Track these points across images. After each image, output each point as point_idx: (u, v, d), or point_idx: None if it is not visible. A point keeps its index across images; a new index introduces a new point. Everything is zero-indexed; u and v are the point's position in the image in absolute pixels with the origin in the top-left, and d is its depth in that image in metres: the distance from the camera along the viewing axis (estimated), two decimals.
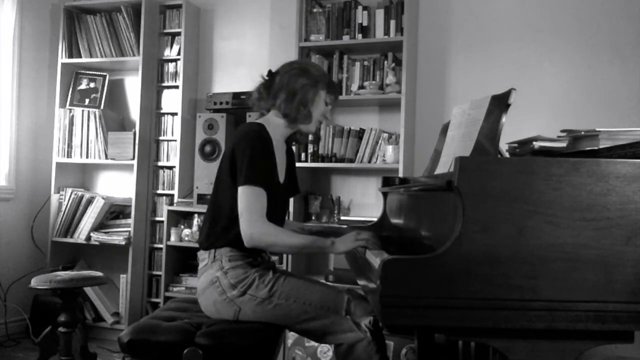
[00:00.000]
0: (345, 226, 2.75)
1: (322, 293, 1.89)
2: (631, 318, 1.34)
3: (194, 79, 3.88)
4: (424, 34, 3.44)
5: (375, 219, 2.60)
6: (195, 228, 3.51)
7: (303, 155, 3.37)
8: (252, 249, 1.91)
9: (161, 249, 3.61)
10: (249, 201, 1.86)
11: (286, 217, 3.17)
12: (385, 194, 2.57)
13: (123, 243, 3.63)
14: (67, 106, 3.88)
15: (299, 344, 2.96)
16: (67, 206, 3.76)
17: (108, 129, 3.80)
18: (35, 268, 3.73)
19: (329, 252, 1.93)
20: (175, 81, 3.78)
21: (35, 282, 2.69)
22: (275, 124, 2.03)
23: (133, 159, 3.70)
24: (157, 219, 3.78)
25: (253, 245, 1.87)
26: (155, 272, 3.74)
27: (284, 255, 3.27)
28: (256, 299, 1.87)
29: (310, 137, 3.18)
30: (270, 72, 2.09)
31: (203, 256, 1.99)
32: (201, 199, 3.48)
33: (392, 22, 3.24)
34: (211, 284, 1.92)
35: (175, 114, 3.76)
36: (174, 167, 3.73)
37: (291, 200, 3.32)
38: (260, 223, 1.85)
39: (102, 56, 3.83)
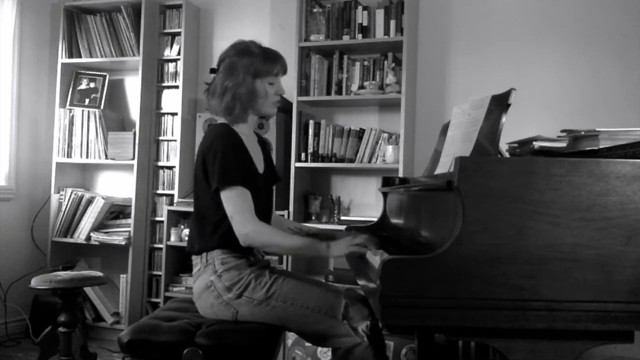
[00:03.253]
0: (344, 227, 2.75)
1: (320, 296, 1.87)
2: (631, 318, 1.35)
3: (194, 79, 3.88)
4: (424, 34, 3.44)
5: (375, 219, 2.60)
6: None
7: (303, 155, 3.37)
8: (244, 249, 1.90)
9: (161, 249, 3.61)
10: (235, 203, 1.85)
11: (284, 216, 3.19)
12: (385, 194, 2.56)
13: (123, 243, 3.63)
14: (67, 106, 3.88)
15: (299, 344, 2.96)
16: (67, 206, 3.76)
17: (108, 129, 3.80)
18: (35, 268, 3.73)
19: (324, 256, 1.92)
20: (175, 81, 3.78)
21: (35, 282, 2.69)
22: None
23: (133, 159, 3.70)
24: (157, 219, 3.78)
25: (249, 244, 1.87)
26: (155, 272, 3.74)
27: (284, 255, 3.27)
28: (253, 301, 1.86)
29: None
30: (212, 70, 2.09)
31: (196, 261, 1.98)
32: None
33: (392, 22, 3.24)
34: (206, 288, 1.91)
35: (175, 114, 3.76)
36: (174, 167, 3.73)
37: (291, 200, 3.33)
38: (253, 221, 1.85)
39: (102, 56, 3.83)
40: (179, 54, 3.77)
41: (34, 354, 3.20)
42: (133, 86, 3.95)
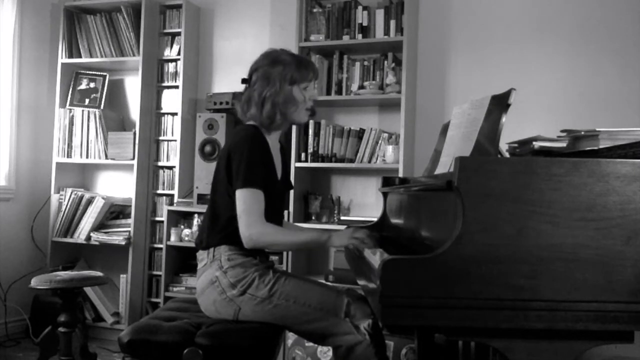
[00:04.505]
0: (344, 226, 2.75)
1: (321, 295, 1.90)
2: (631, 318, 1.35)
3: (194, 79, 3.88)
4: (424, 34, 3.44)
5: (375, 219, 2.60)
6: (195, 228, 3.51)
7: (303, 155, 3.37)
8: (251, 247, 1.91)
9: (161, 249, 3.61)
10: (246, 204, 1.87)
11: (285, 218, 3.19)
12: (385, 194, 2.57)
13: (123, 243, 3.63)
14: (67, 106, 3.87)
15: (299, 344, 2.96)
16: (67, 206, 3.76)
17: (108, 129, 3.80)
18: (35, 268, 3.73)
19: (326, 245, 1.95)
20: (175, 81, 3.78)
21: (35, 282, 2.69)
22: None
23: (133, 159, 3.70)
24: (157, 219, 3.78)
25: (253, 246, 1.89)
26: (155, 272, 3.74)
27: (284, 255, 3.27)
28: (256, 299, 1.88)
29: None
30: (243, 80, 2.10)
31: (202, 256, 2.00)
32: (201, 199, 3.48)
33: (392, 22, 3.24)
34: (211, 283, 1.92)
35: (175, 114, 3.76)
36: (174, 167, 3.73)
37: (291, 200, 3.33)
38: (258, 224, 1.87)
39: (102, 56, 3.83)
40: (179, 54, 3.77)
41: (34, 354, 3.20)
42: (133, 86, 3.95)
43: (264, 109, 1.99)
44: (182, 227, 3.56)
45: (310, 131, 3.36)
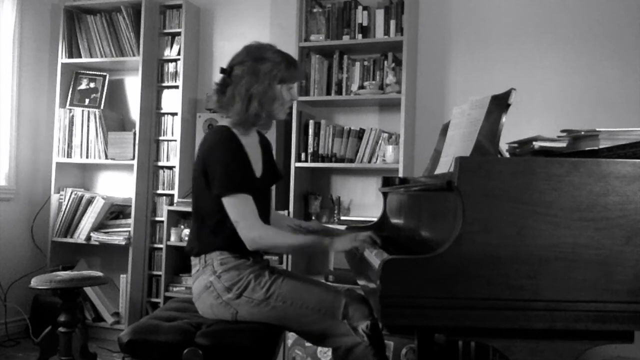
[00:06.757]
0: (344, 226, 2.75)
1: (319, 296, 1.88)
2: (631, 318, 1.35)
3: (194, 79, 3.88)
4: (424, 34, 3.44)
5: (375, 219, 2.60)
6: None
7: (303, 155, 3.37)
8: (243, 249, 1.90)
9: (161, 249, 3.61)
10: (238, 209, 1.86)
11: (284, 214, 3.19)
12: (385, 194, 2.57)
13: (123, 243, 3.63)
14: (67, 106, 3.87)
15: (299, 344, 2.96)
16: (67, 206, 3.76)
17: (108, 129, 3.80)
18: (35, 268, 3.73)
19: (328, 250, 1.95)
20: (175, 81, 3.78)
21: (35, 282, 2.69)
22: None
23: (133, 159, 3.70)
24: (157, 219, 3.77)
25: (256, 248, 1.89)
26: (155, 272, 3.74)
27: (284, 255, 3.27)
28: (253, 301, 1.87)
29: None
30: (222, 70, 2.03)
31: (194, 262, 1.98)
32: None
33: (392, 22, 3.24)
34: (206, 289, 1.91)
35: (175, 114, 3.76)
36: (174, 167, 3.73)
37: (291, 200, 3.33)
38: (258, 226, 1.87)
39: (102, 56, 3.83)
40: (179, 54, 3.77)
41: (34, 354, 3.20)
42: (133, 86, 3.95)
43: (250, 106, 1.94)
44: (182, 227, 3.56)
45: (310, 131, 3.36)
